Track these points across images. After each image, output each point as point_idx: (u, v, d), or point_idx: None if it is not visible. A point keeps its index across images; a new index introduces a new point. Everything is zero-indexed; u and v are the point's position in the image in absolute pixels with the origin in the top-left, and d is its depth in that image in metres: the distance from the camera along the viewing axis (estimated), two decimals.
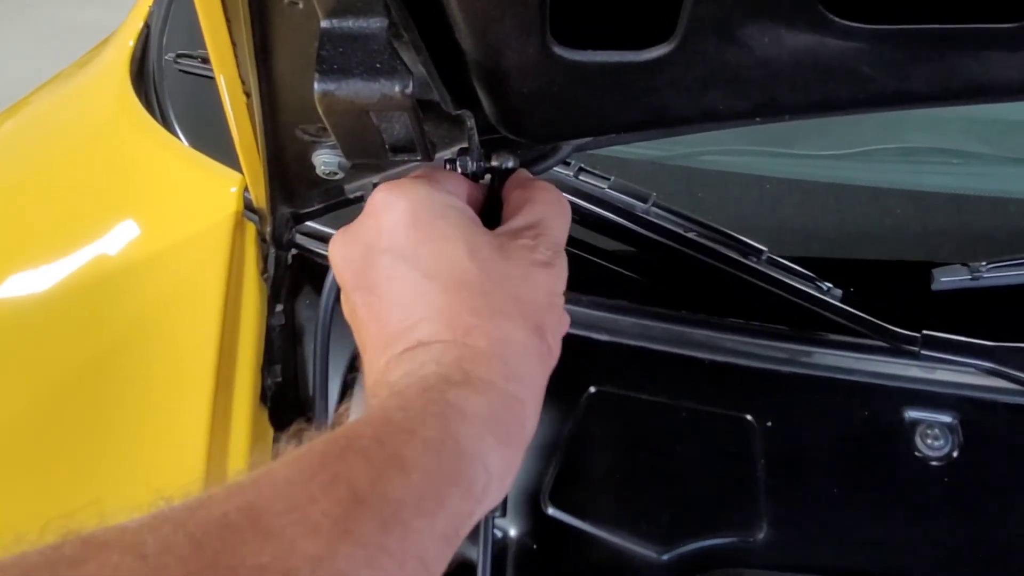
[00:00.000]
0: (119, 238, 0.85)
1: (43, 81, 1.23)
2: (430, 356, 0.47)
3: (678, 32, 0.48)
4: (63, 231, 0.87)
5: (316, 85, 0.49)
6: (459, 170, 0.63)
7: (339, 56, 0.49)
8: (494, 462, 0.43)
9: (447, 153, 0.66)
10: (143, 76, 1.10)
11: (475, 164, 0.62)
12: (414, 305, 0.49)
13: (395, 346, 0.48)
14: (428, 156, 0.58)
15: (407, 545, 0.37)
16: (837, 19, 0.45)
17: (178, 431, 0.67)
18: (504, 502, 0.56)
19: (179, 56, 1.08)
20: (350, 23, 0.49)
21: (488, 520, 0.56)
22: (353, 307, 0.54)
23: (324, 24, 0.49)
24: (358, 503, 0.36)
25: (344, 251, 0.55)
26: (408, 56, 0.52)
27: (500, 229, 0.55)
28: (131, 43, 1.15)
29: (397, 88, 0.50)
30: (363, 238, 0.54)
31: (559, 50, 0.49)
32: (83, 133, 1.02)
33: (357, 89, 0.49)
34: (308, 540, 0.34)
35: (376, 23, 0.49)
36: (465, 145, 0.63)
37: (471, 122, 0.61)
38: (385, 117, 0.54)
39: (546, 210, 0.56)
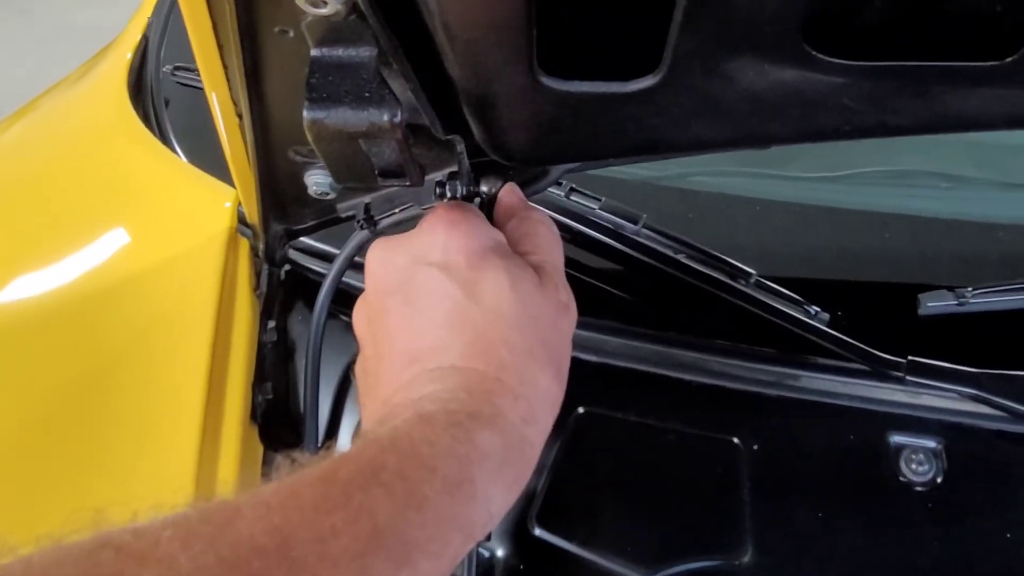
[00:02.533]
0: (113, 251, 0.86)
1: (41, 81, 1.23)
2: (461, 383, 0.47)
3: (664, 64, 0.48)
4: (57, 244, 0.88)
5: (305, 113, 0.50)
6: (448, 194, 0.64)
7: (328, 84, 0.50)
8: (497, 504, 0.44)
9: (437, 175, 0.67)
10: (141, 88, 1.11)
11: (464, 188, 0.63)
12: (453, 325, 0.49)
13: (425, 362, 0.48)
14: (417, 181, 0.58)
15: None
16: (820, 55, 0.46)
17: (168, 447, 0.67)
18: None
19: (176, 68, 1.09)
20: (339, 52, 0.50)
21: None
22: (381, 313, 0.53)
23: (314, 52, 0.50)
24: (376, 540, 0.37)
25: (387, 255, 0.55)
26: (397, 83, 0.52)
27: None
28: (129, 55, 1.15)
29: (385, 117, 0.50)
30: (412, 248, 0.54)
31: (547, 80, 0.50)
32: (80, 145, 1.02)
33: (346, 117, 0.50)
34: (329, 573, 0.35)
35: (365, 52, 0.50)
36: (455, 169, 0.64)
37: (461, 146, 0.61)
38: (374, 143, 0.54)
39: (551, 247, 0.57)
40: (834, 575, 0.65)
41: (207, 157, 0.95)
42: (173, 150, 0.98)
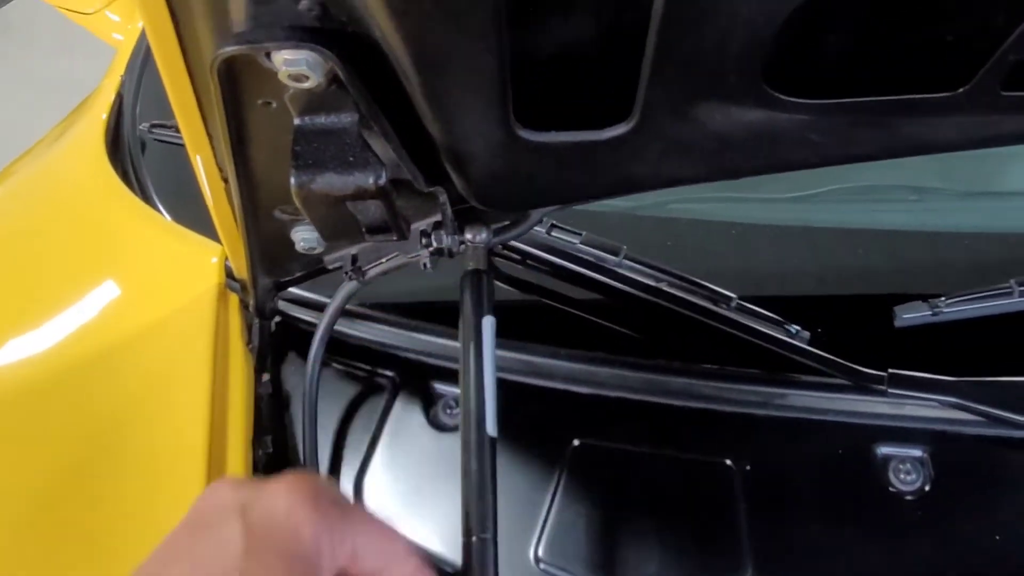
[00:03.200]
0: (101, 315, 0.87)
1: (15, 129, 1.23)
2: None
3: (635, 112, 0.50)
4: (43, 310, 0.88)
5: (292, 180, 0.52)
6: (434, 244, 0.65)
7: (313, 151, 0.52)
8: None
9: (421, 225, 0.68)
10: (118, 148, 1.12)
11: (449, 238, 0.65)
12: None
13: None
14: (403, 235, 0.60)
15: None
16: (782, 96, 0.48)
17: (174, 510, 0.68)
18: (496, 568, 0.57)
19: (153, 126, 1.10)
20: (322, 119, 0.51)
21: None
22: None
23: (297, 121, 0.51)
24: None
25: (221, 486, 0.49)
26: (378, 143, 0.54)
27: None
28: (104, 115, 1.16)
29: (371, 180, 0.52)
30: (246, 497, 0.47)
31: (524, 133, 0.52)
32: (61, 208, 1.03)
33: (332, 182, 0.52)
34: None
35: (347, 118, 0.51)
36: (439, 218, 0.65)
37: (443, 196, 0.63)
38: (357, 206, 0.56)
39: None
40: None
41: (189, 214, 0.96)
42: (155, 208, 0.99)
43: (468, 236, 0.65)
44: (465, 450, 0.59)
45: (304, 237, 0.70)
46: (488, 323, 0.61)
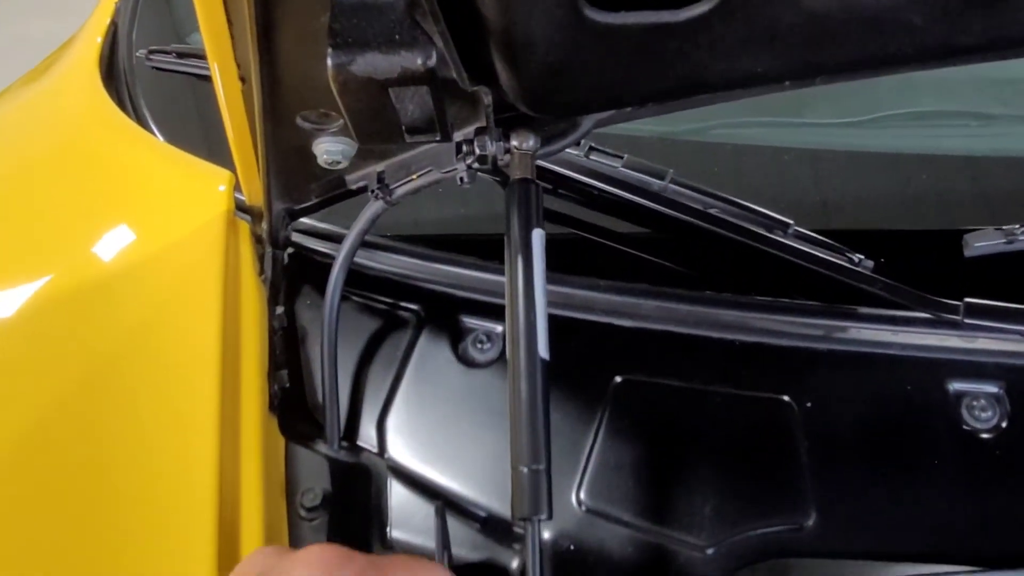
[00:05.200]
0: (107, 247, 0.80)
1: None
2: None
3: None
4: (46, 243, 0.82)
5: (330, 60, 0.45)
6: (476, 151, 0.59)
7: (354, 28, 0.45)
8: None
9: (458, 136, 0.62)
10: (114, 75, 1.05)
11: (494, 144, 0.59)
12: None
13: None
14: (447, 135, 0.54)
15: None
16: None
17: (187, 443, 0.62)
18: (550, 503, 0.52)
19: (151, 52, 1.03)
20: None
21: (535, 525, 0.52)
22: None
23: None
24: None
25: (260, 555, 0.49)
26: (423, 26, 0.48)
27: None
28: (99, 39, 1.09)
29: (419, 60, 0.46)
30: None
31: (591, 13, 0.45)
32: (57, 138, 0.96)
33: (376, 63, 0.45)
34: None
35: None
36: (482, 124, 0.59)
37: (488, 98, 0.57)
38: (400, 95, 0.50)
39: None
40: (904, 531, 0.62)
41: (190, 142, 0.90)
42: (155, 135, 0.93)
43: (514, 143, 0.59)
44: (514, 375, 0.54)
45: (328, 149, 0.64)
46: (538, 236, 0.56)
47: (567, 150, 0.74)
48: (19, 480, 0.61)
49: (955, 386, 0.66)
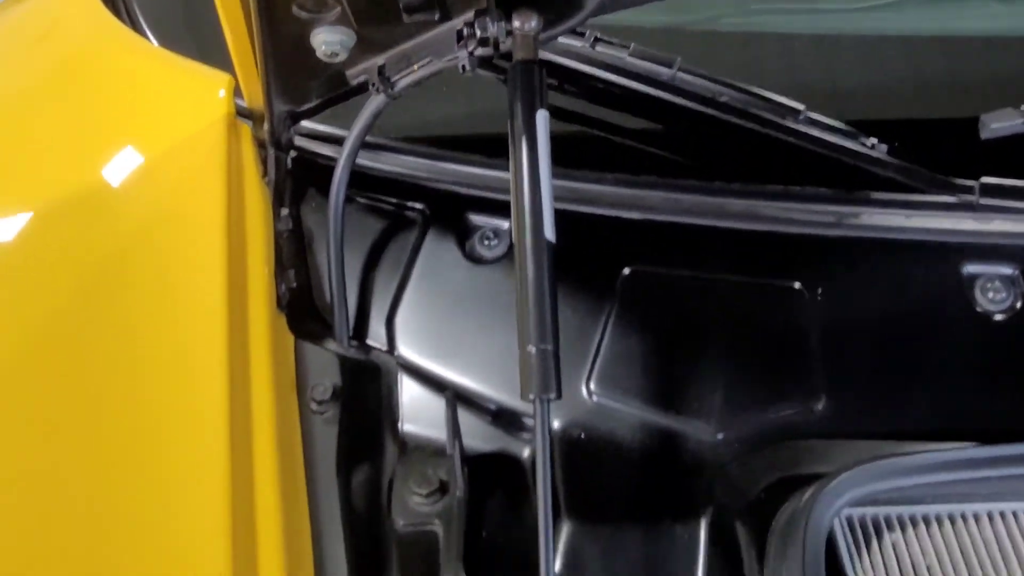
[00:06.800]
0: (107, 154, 0.79)
1: None
2: None
3: None
4: (46, 152, 0.81)
5: None
6: (478, 33, 0.58)
7: None
8: None
9: (458, 24, 0.61)
10: None
11: (495, 25, 0.57)
12: None
13: None
14: (446, 14, 0.52)
15: None
16: None
17: (195, 339, 0.62)
18: (559, 383, 0.52)
19: None
20: None
21: (544, 405, 0.52)
22: None
23: None
24: None
25: None
26: None
27: None
28: None
29: None
30: None
31: None
32: (52, 47, 0.94)
33: None
34: None
35: None
36: (482, 5, 0.58)
37: None
38: None
39: None
40: (914, 412, 0.62)
41: (187, 46, 0.88)
42: (149, 41, 0.91)
43: (516, 24, 0.57)
44: (520, 257, 0.53)
45: (326, 40, 0.62)
46: (542, 117, 0.55)
47: (574, 42, 0.72)
48: (28, 372, 0.62)
49: (969, 269, 0.65)
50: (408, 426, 0.66)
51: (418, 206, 0.76)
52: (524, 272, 0.52)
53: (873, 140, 0.67)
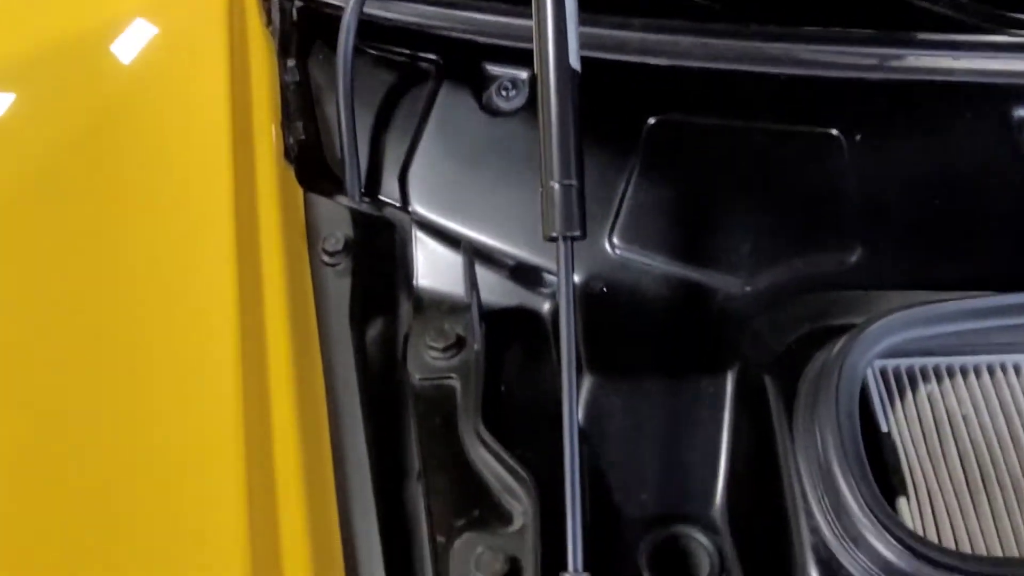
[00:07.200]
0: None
1: None
2: None
3: None
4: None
5: None
6: None
7: None
8: None
9: None
10: None
11: None
12: None
13: None
14: None
15: None
16: None
17: (199, 187, 0.60)
18: (583, 222, 0.49)
19: None
20: None
21: (567, 244, 0.49)
22: None
23: None
24: None
25: None
26: None
27: None
28: None
29: None
30: None
31: None
32: None
33: None
34: None
35: None
36: None
37: None
38: None
39: None
40: (956, 264, 0.59)
41: None
42: None
43: None
44: (543, 88, 0.50)
45: None
46: None
47: None
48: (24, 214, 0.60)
49: (1020, 112, 0.61)
50: (423, 280, 0.64)
51: (432, 57, 0.72)
52: (547, 104, 0.49)
53: None
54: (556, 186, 0.49)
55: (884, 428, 0.53)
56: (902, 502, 0.50)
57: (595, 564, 0.47)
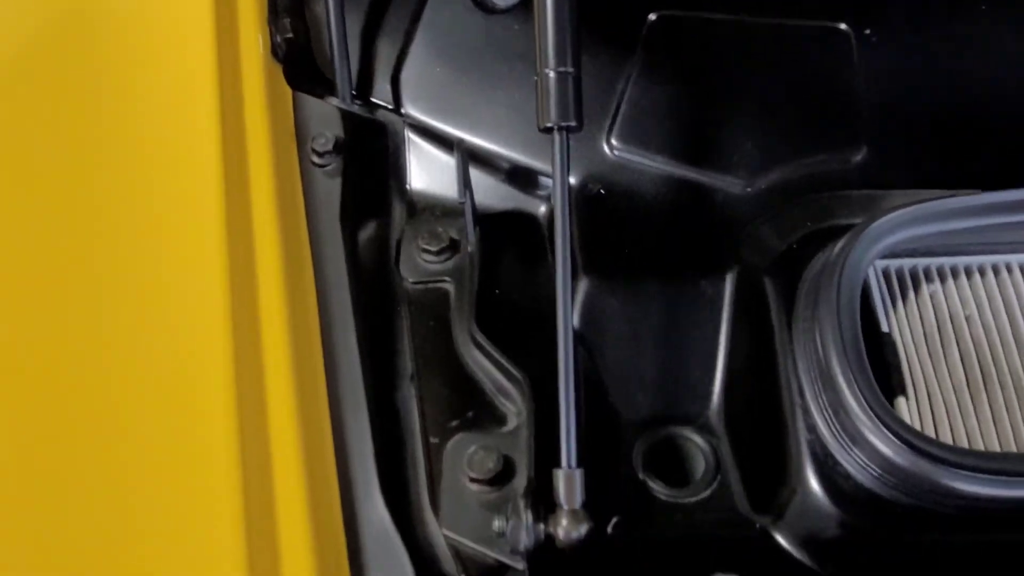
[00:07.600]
0: None
1: None
2: None
3: None
4: None
5: None
6: None
7: None
8: None
9: None
10: None
11: None
12: None
13: None
14: None
15: None
16: None
17: (181, 82, 0.58)
18: (580, 112, 0.48)
19: None
20: None
21: (563, 135, 0.47)
22: None
23: None
24: None
25: None
26: None
27: None
28: None
29: None
30: None
31: None
32: None
33: None
34: None
35: None
36: None
37: None
38: None
39: None
40: (966, 163, 0.57)
41: None
42: None
43: None
44: None
45: None
46: None
47: None
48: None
49: None
50: (416, 183, 0.62)
51: None
52: None
53: None
54: (551, 74, 0.47)
55: (885, 328, 0.52)
56: (901, 402, 0.50)
57: (589, 463, 0.47)
